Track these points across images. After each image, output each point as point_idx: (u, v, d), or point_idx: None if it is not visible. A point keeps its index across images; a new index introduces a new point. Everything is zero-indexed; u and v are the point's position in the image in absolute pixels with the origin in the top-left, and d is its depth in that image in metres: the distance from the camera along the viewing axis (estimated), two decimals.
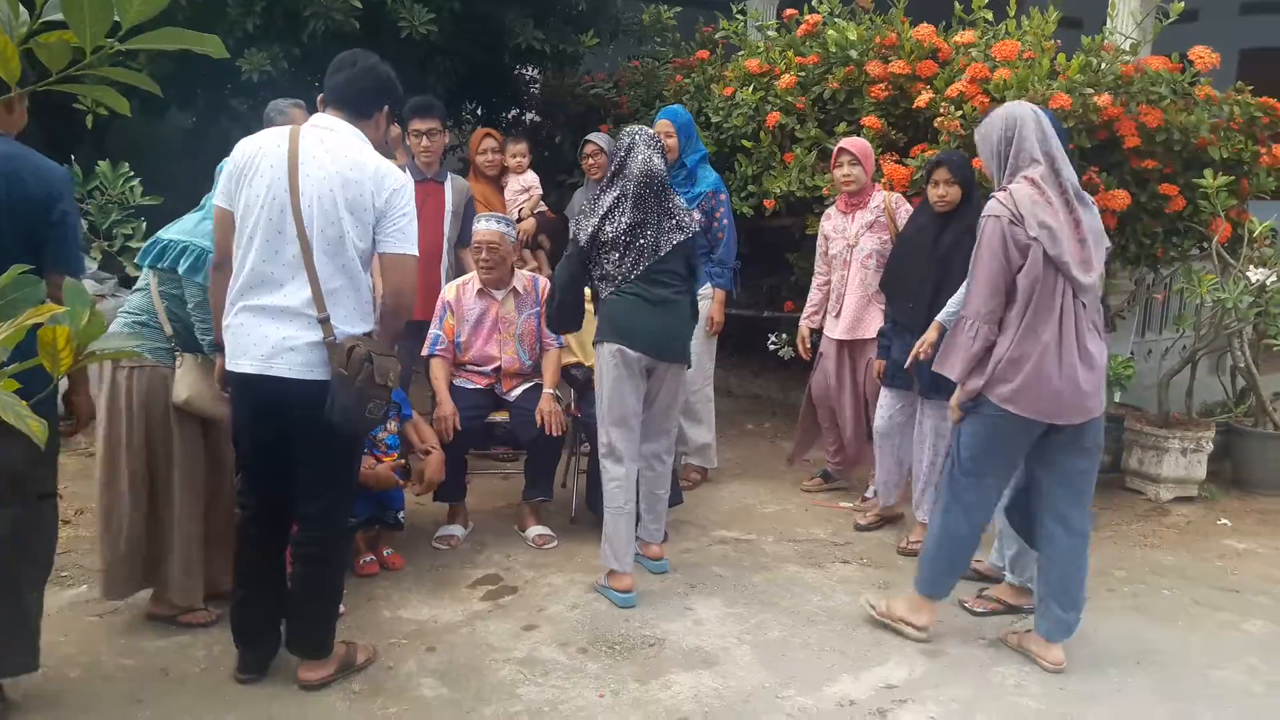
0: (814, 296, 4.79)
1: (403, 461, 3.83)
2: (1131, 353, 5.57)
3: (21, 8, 1.53)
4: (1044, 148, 3.03)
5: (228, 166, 2.79)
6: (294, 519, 2.92)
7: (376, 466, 3.68)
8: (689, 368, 3.84)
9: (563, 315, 3.78)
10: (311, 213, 2.65)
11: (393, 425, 3.79)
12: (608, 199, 3.61)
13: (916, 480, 4.20)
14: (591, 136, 4.95)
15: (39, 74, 1.59)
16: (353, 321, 2.74)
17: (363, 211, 2.68)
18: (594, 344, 3.70)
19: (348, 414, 2.65)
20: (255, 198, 2.68)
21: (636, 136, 3.67)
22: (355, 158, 2.70)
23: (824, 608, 3.65)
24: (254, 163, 2.71)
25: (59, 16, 1.51)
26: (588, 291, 3.81)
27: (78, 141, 4.18)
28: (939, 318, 3.77)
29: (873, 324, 4.44)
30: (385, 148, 2.87)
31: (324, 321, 2.67)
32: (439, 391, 4.08)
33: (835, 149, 4.50)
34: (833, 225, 4.63)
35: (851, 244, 4.47)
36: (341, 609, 3.43)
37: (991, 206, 3.03)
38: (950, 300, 3.69)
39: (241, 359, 2.70)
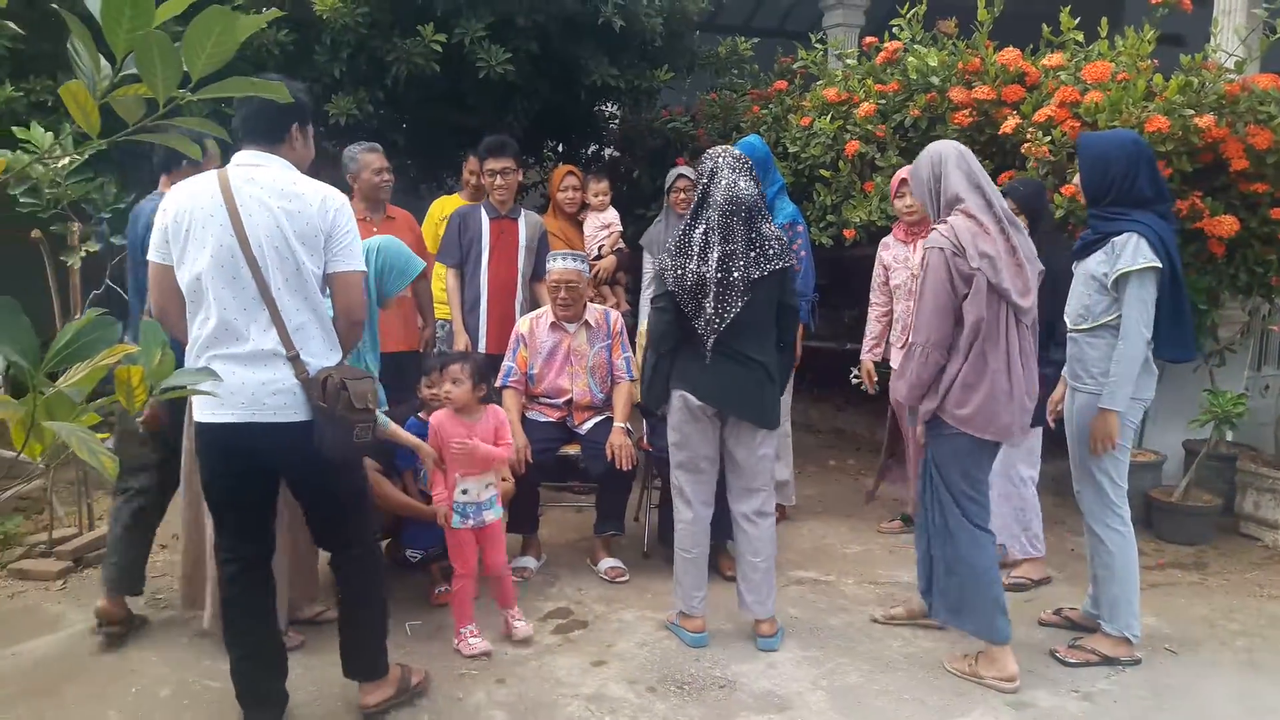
0: (873, 329, 4.70)
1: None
2: (1245, 388, 5.26)
3: (103, 60, 1.59)
4: (971, 181, 3.16)
5: (161, 220, 2.69)
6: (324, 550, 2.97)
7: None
8: (769, 429, 3.48)
9: (658, 382, 3.48)
10: (263, 252, 2.61)
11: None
12: (697, 235, 3.35)
13: (1007, 515, 4.09)
14: (683, 170, 4.95)
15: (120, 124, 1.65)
16: (323, 354, 2.71)
17: (312, 237, 2.66)
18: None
19: (338, 443, 2.64)
20: (202, 249, 2.61)
21: (720, 159, 3.44)
22: (290, 188, 2.67)
23: (905, 654, 3.52)
24: (190, 215, 2.63)
25: (134, 71, 1.56)
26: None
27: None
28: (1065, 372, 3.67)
29: None
30: (310, 168, 2.84)
31: (294, 359, 2.64)
32: (512, 424, 4.10)
33: (895, 178, 4.42)
34: (893, 255, 4.54)
35: (916, 274, 4.35)
36: (408, 631, 3.49)
37: (933, 239, 3.15)
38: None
39: (219, 410, 2.63)
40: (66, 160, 3.89)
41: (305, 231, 2.65)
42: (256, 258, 2.60)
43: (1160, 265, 3.19)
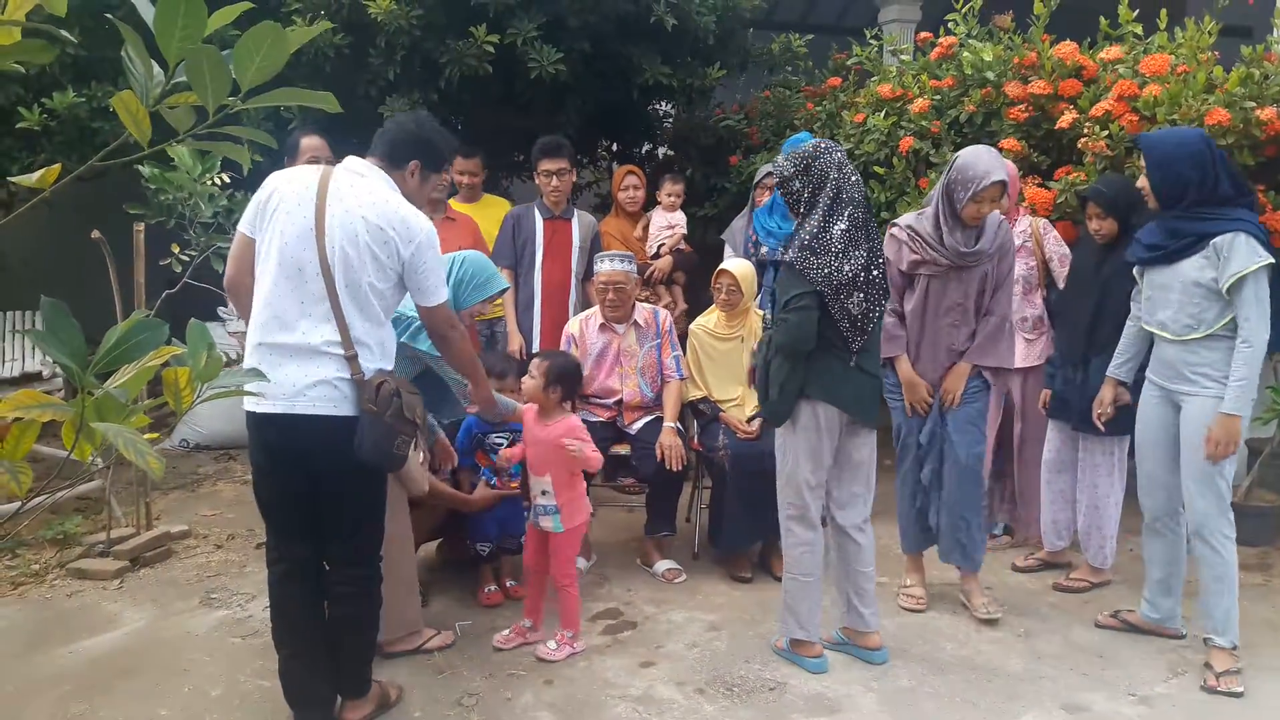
0: None
1: (516, 488, 3.90)
2: None
3: (155, 66, 1.63)
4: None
5: (259, 196, 2.76)
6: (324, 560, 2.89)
7: (485, 491, 3.83)
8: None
9: (790, 391, 3.21)
10: (335, 251, 2.63)
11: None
12: (837, 231, 3.13)
13: (1082, 522, 4.05)
14: (770, 167, 4.91)
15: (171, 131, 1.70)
16: (377, 358, 2.73)
17: (387, 259, 2.68)
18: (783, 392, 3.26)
19: (378, 449, 2.64)
20: (278, 231, 2.66)
21: (838, 153, 3.22)
22: (383, 202, 2.69)
23: (958, 656, 3.47)
24: (282, 195, 2.69)
25: (185, 79, 1.60)
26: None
27: (240, 187, 4.44)
28: (1111, 372, 3.64)
29: (1017, 352, 4.21)
30: (415, 201, 2.86)
31: (352, 359, 2.65)
32: None
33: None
34: None
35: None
36: (455, 637, 3.53)
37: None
38: (1117, 352, 3.62)
39: (263, 399, 2.64)
40: (216, 187, 4.04)
41: (381, 252, 2.67)
42: (327, 256, 2.63)
43: (1274, 261, 3.11)
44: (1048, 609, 3.88)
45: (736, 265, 4.22)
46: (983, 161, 3.46)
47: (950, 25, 5.40)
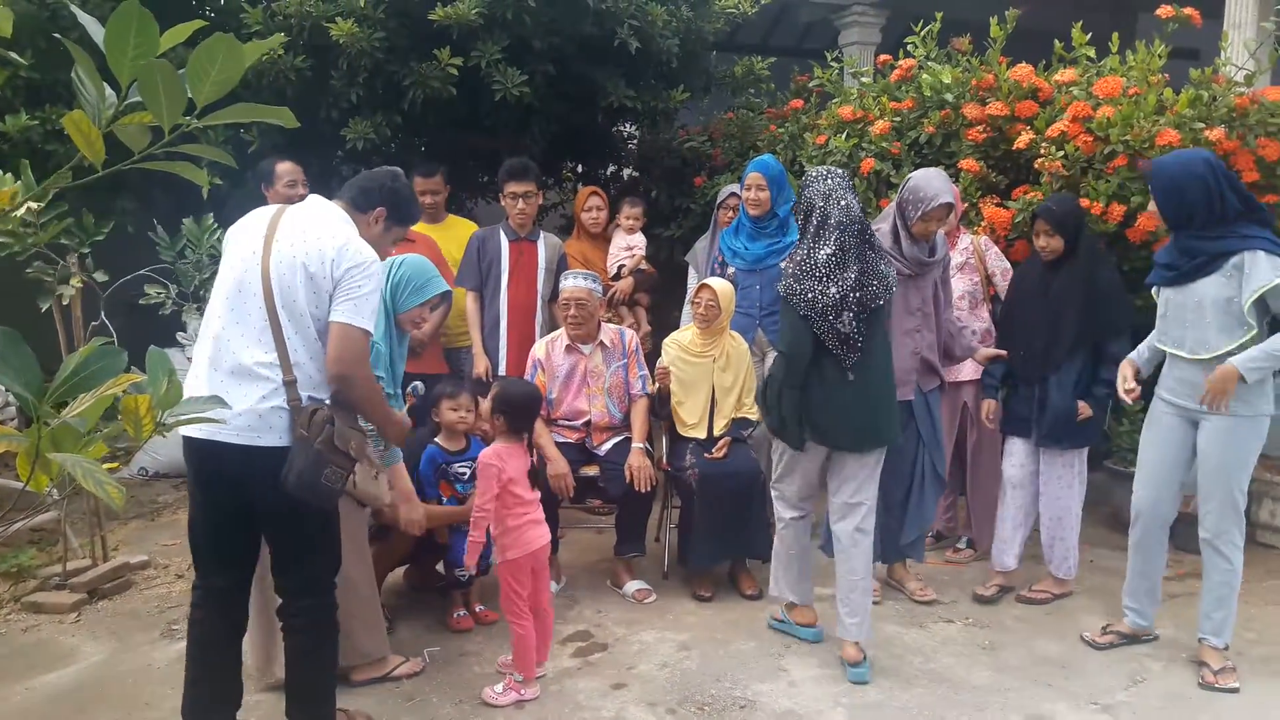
0: None
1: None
2: None
3: (108, 88, 1.61)
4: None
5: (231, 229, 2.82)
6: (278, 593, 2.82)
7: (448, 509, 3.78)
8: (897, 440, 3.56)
9: (793, 418, 3.35)
10: (279, 276, 2.61)
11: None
12: (822, 256, 3.30)
13: (1043, 534, 4.08)
14: (733, 188, 4.95)
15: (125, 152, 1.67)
16: (316, 387, 2.66)
17: (322, 279, 2.62)
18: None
19: (304, 479, 2.53)
20: (228, 262, 2.70)
21: (830, 180, 3.41)
22: (328, 228, 2.68)
23: (925, 670, 3.48)
24: (234, 239, 2.75)
25: (140, 99, 1.58)
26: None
27: (197, 210, 4.40)
28: (1133, 356, 3.64)
29: (966, 365, 4.32)
30: (374, 247, 2.80)
31: (290, 384, 2.59)
32: (546, 449, 4.09)
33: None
34: None
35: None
36: (424, 664, 3.48)
37: None
38: (1142, 346, 3.64)
39: (194, 426, 2.47)
40: (23, 210, 3.86)
41: (318, 274, 2.62)
42: (272, 279, 2.62)
43: None
44: (1012, 621, 3.91)
45: (718, 283, 4.23)
46: (933, 185, 3.74)
47: (909, 48, 5.49)
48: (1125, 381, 3.60)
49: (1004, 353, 4.05)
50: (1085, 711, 3.19)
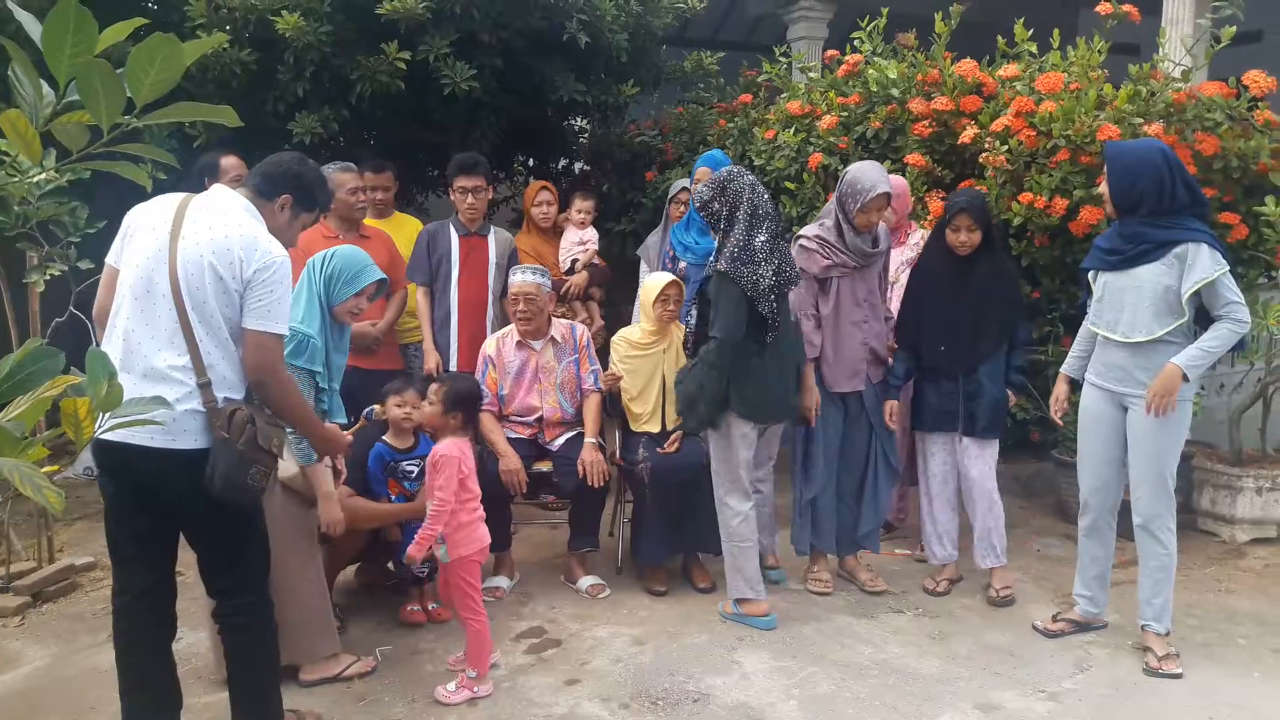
0: None
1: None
2: (1201, 387, 5.33)
3: (46, 86, 1.57)
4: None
5: (123, 225, 2.69)
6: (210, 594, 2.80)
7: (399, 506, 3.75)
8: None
9: (709, 402, 3.66)
10: (187, 275, 2.54)
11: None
12: (759, 242, 3.61)
13: (976, 526, 4.06)
14: (684, 182, 4.96)
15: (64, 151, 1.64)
16: (231, 387, 2.61)
17: (231, 279, 2.55)
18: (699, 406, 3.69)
19: (228, 480, 2.49)
20: (132, 257, 2.59)
21: (750, 175, 3.75)
22: (234, 225, 2.59)
23: (875, 660, 3.54)
24: (139, 224, 2.64)
25: (78, 97, 1.55)
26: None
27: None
28: (1065, 369, 3.77)
29: None
30: (283, 237, 2.75)
31: (204, 386, 2.53)
32: (498, 445, 4.07)
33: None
34: None
35: (892, 280, 4.38)
36: (376, 663, 3.46)
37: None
38: (1073, 352, 3.75)
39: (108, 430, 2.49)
40: (43, 175, 3.82)
41: (226, 273, 2.55)
42: (178, 280, 2.54)
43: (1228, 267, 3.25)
44: (961, 611, 3.98)
45: (668, 277, 4.25)
46: (869, 176, 3.83)
47: (856, 43, 5.54)
48: (1057, 403, 3.77)
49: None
50: (1033, 699, 3.25)
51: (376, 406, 3.73)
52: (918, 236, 4.44)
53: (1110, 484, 3.61)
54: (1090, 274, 3.58)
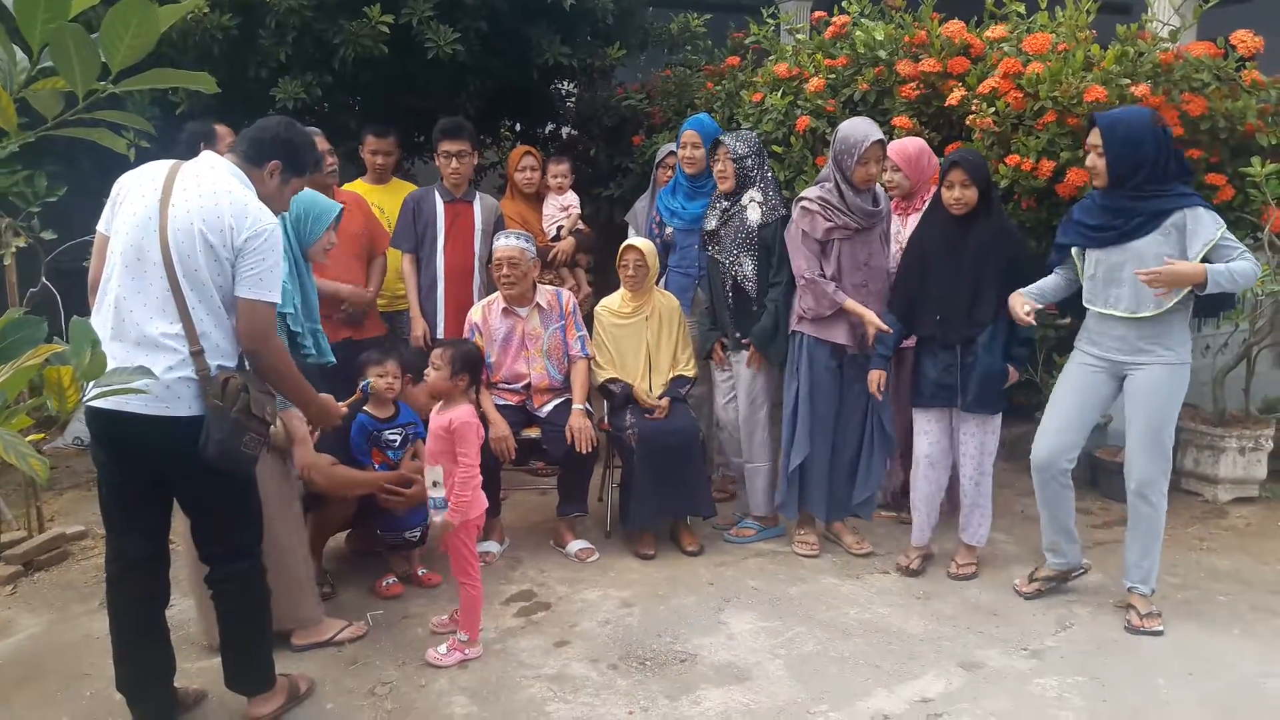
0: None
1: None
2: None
3: (19, 52, 1.56)
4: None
5: (113, 191, 2.70)
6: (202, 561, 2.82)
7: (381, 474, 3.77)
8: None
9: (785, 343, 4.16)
10: (177, 243, 2.54)
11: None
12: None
13: (964, 502, 3.97)
14: (672, 146, 4.93)
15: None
16: (224, 355, 2.62)
17: (222, 246, 2.55)
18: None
19: (223, 447, 2.52)
20: (122, 224, 2.59)
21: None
22: (225, 192, 2.59)
23: (860, 620, 3.59)
24: (129, 190, 2.64)
25: (52, 64, 1.53)
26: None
27: (123, 171, 4.30)
28: (1024, 291, 3.63)
29: None
30: (273, 204, 2.76)
31: (197, 354, 2.55)
32: (489, 412, 4.08)
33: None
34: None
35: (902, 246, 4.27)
36: (367, 628, 3.49)
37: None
38: (1037, 285, 3.67)
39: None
40: (14, 146, 3.76)
41: (217, 240, 2.55)
42: (169, 248, 2.54)
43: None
44: (945, 571, 4.03)
45: (641, 241, 4.28)
46: (859, 128, 3.93)
47: (844, 4, 5.50)
48: (1022, 305, 3.55)
49: (886, 328, 3.91)
50: (1016, 657, 3.31)
51: (373, 380, 3.74)
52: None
53: (1067, 448, 3.55)
54: (1075, 251, 3.51)
